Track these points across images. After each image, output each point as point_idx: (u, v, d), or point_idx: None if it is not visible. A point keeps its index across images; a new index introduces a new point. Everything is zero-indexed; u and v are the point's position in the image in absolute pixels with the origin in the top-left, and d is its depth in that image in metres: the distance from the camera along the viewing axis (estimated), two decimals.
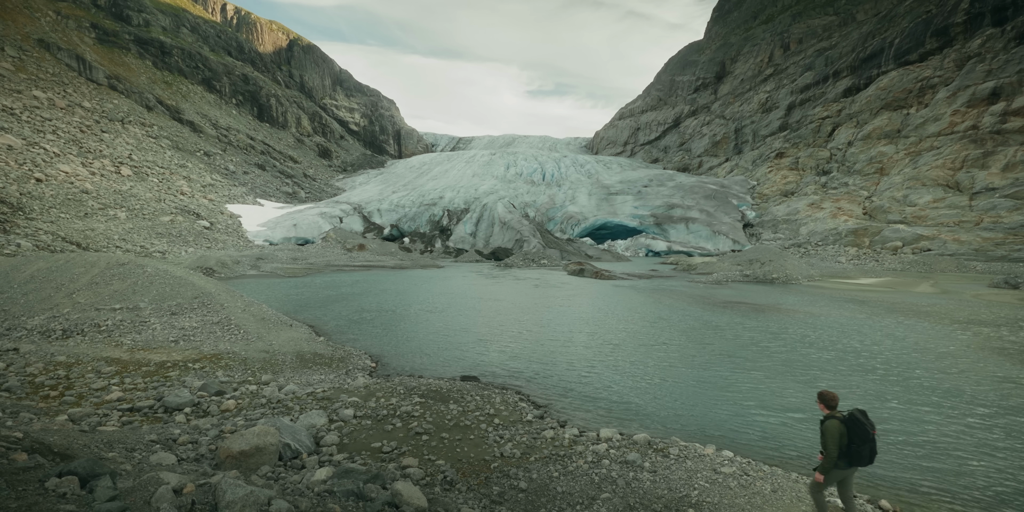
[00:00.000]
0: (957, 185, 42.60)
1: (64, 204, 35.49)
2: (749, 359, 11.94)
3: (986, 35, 49.58)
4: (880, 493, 5.89)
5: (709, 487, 5.48)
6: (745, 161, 74.01)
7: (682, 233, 55.18)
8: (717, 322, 16.82)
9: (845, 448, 4.36)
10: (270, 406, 7.99)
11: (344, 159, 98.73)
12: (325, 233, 52.58)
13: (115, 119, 58.07)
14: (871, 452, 4.34)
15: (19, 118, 45.25)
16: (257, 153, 77.64)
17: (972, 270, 32.60)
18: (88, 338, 11.28)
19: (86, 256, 16.03)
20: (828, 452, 4.39)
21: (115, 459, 4.68)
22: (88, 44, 67.74)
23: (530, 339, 14.20)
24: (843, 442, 4.35)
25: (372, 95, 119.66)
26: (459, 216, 60.88)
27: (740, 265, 35.45)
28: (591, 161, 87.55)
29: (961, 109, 46.45)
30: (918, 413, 8.48)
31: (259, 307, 15.32)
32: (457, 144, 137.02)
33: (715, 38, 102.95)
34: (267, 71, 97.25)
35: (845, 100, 63.04)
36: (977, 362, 11.65)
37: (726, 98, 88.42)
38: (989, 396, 9.32)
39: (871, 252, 40.28)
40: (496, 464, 6.09)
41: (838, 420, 4.40)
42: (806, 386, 9.88)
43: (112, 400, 7.83)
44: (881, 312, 18.66)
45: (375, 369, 11.35)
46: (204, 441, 6.20)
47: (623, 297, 23.35)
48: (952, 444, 7.27)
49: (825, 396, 4.57)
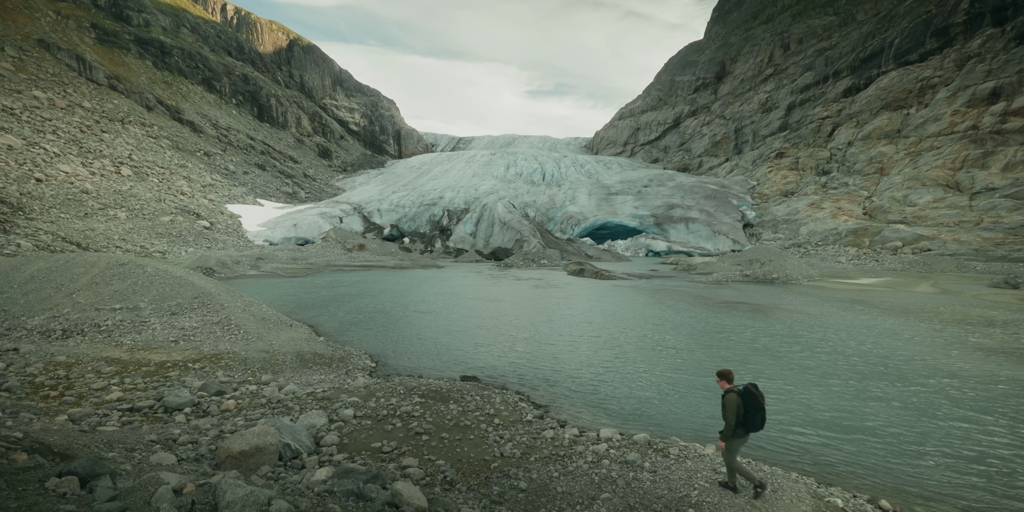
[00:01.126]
0: (957, 185, 42.60)
1: (64, 204, 35.49)
2: (748, 359, 11.94)
3: (986, 35, 49.58)
4: (880, 493, 5.89)
5: (709, 487, 5.48)
6: (745, 161, 74.01)
7: (682, 233, 55.18)
8: (717, 322, 16.82)
9: (742, 418, 4.92)
10: (270, 406, 7.99)
11: (344, 159, 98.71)
12: (325, 233, 52.58)
13: (115, 119, 58.08)
14: (762, 420, 4.95)
15: (19, 118, 45.25)
16: (257, 153, 77.64)
17: (972, 270, 32.61)
18: (88, 338, 11.27)
19: (86, 256, 16.03)
20: (727, 421, 4.93)
21: (115, 459, 4.68)
22: (88, 44, 67.74)
23: (530, 339, 14.20)
24: (740, 412, 4.92)
25: (372, 95, 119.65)
26: (459, 216, 60.87)
27: (740, 265, 35.44)
28: (591, 161, 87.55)
29: (961, 109, 46.45)
30: (919, 413, 8.48)
31: (259, 307, 15.32)
32: (457, 144, 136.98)
33: (715, 38, 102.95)
34: (267, 71, 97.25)
35: (845, 100, 63.04)
36: (981, 364, 11.65)
37: (726, 98, 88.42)
38: (992, 396, 9.32)
39: (871, 252, 40.28)
40: (496, 464, 6.09)
41: (736, 394, 4.96)
42: (806, 386, 9.89)
43: (112, 400, 7.83)
44: (881, 312, 18.66)
45: (375, 369, 11.35)
46: (204, 441, 6.20)
47: (623, 297, 23.35)
48: (952, 444, 7.27)
49: (725, 373, 5.11)
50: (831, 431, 7.74)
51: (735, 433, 4.97)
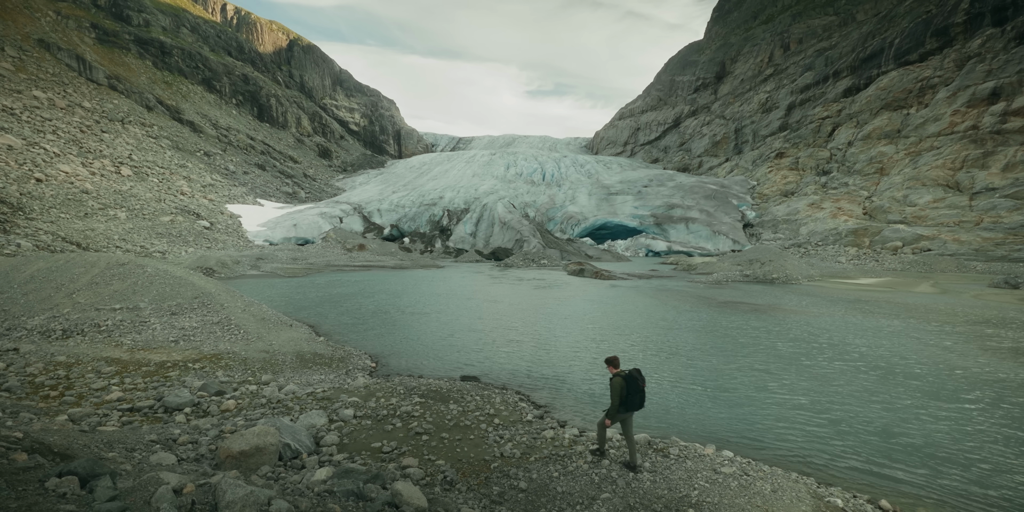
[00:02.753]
0: (957, 185, 42.60)
1: (64, 204, 35.49)
2: (748, 359, 11.93)
3: (986, 35, 49.58)
4: (880, 493, 5.89)
5: (709, 487, 5.48)
6: (745, 161, 74.01)
7: (682, 233, 55.18)
8: (717, 322, 16.82)
9: (625, 398, 5.59)
10: (270, 406, 7.99)
11: (344, 159, 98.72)
12: (325, 233, 52.58)
13: (115, 119, 58.07)
14: (640, 400, 5.69)
15: (19, 118, 45.25)
16: (257, 153, 77.64)
17: (972, 270, 32.61)
18: (88, 338, 11.27)
19: (86, 256, 16.03)
20: (612, 401, 5.64)
21: (115, 459, 4.68)
22: (88, 44, 67.74)
23: (530, 339, 14.20)
24: (623, 394, 5.58)
25: (372, 95, 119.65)
26: (459, 216, 60.87)
27: (740, 265, 35.44)
28: (591, 161, 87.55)
29: (961, 109, 46.44)
30: (920, 414, 8.48)
31: (259, 307, 15.32)
32: (457, 144, 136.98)
33: (715, 38, 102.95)
34: (267, 71, 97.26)
35: (845, 100, 63.04)
36: (988, 364, 11.65)
37: (726, 98, 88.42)
38: (999, 397, 9.32)
39: (871, 252, 40.28)
40: (496, 464, 6.09)
41: (621, 378, 5.65)
42: (806, 386, 9.88)
43: (112, 400, 7.83)
44: (881, 312, 18.66)
45: (375, 369, 11.35)
46: (204, 441, 6.20)
47: (623, 297, 23.35)
48: (953, 445, 7.27)
49: (612, 360, 5.87)
50: (832, 431, 7.74)
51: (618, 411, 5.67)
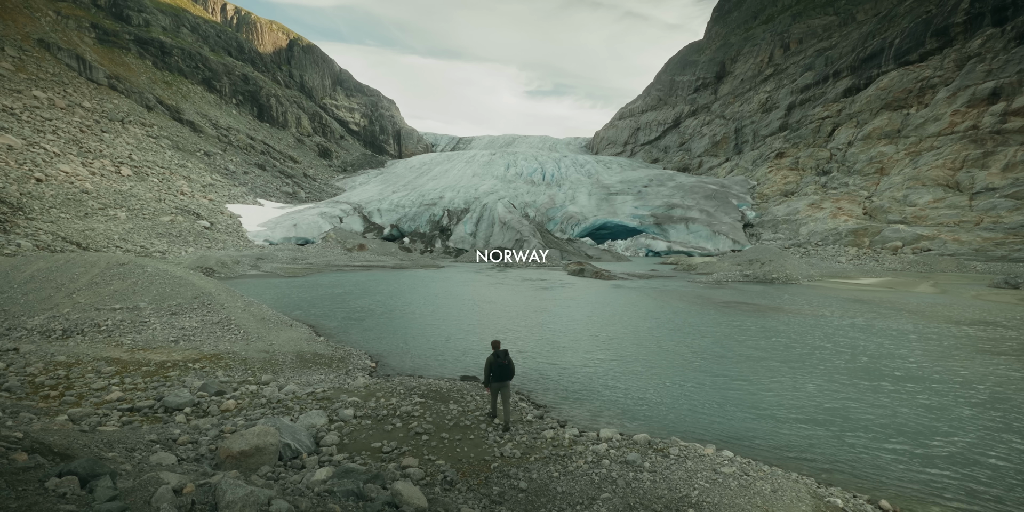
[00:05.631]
0: (957, 185, 42.59)
1: (64, 204, 35.49)
2: (748, 359, 11.94)
3: (986, 35, 49.57)
4: (881, 493, 5.89)
5: (709, 487, 5.48)
6: (745, 161, 73.99)
7: (682, 233, 55.17)
8: (717, 323, 16.82)
9: (494, 371, 7.19)
10: (270, 406, 7.99)
11: (344, 159, 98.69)
12: (325, 233, 52.57)
13: (115, 119, 58.06)
14: (506, 373, 7.22)
15: (19, 118, 45.24)
16: (257, 153, 77.63)
17: (972, 270, 32.60)
18: (88, 338, 11.27)
19: (86, 256, 16.03)
20: (485, 374, 7.31)
21: (115, 459, 4.68)
22: (88, 44, 67.72)
23: (530, 339, 14.20)
24: (492, 368, 7.19)
25: (372, 95, 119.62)
26: (459, 216, 60.86)
27: (740, 265, 35.44)
28: (591, 161, 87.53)
29: (961, 109, 46.44)
30: (922, 414, 8.48)
31: (259, 307, 15.32)
32: (457, 144, 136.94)
33: (715, 38, 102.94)
34: (267, 71, 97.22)
35: (845, 100, 63.02)
36: (985, 365, 11.65)
37: (726, 98, 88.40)
38: (1001, 398, 9.32)
39: (871, 252, 40.27)
40: (496, 464, 6.09)
41: (492, 356, 7.26)
42: (806, 386, 9.88)
43: (112, 400, 7.83)
44: (881, 313, 18.65)
45: (375, 369, 11.35)
46: (204, 441, 6.20)
47: (623, 297, 23.35)
48: (953, 445, 7.27)
49: (494, 343, 7.45)
50: (832, 431, 7.74)
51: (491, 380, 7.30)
